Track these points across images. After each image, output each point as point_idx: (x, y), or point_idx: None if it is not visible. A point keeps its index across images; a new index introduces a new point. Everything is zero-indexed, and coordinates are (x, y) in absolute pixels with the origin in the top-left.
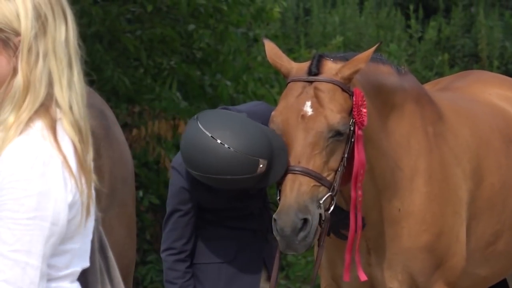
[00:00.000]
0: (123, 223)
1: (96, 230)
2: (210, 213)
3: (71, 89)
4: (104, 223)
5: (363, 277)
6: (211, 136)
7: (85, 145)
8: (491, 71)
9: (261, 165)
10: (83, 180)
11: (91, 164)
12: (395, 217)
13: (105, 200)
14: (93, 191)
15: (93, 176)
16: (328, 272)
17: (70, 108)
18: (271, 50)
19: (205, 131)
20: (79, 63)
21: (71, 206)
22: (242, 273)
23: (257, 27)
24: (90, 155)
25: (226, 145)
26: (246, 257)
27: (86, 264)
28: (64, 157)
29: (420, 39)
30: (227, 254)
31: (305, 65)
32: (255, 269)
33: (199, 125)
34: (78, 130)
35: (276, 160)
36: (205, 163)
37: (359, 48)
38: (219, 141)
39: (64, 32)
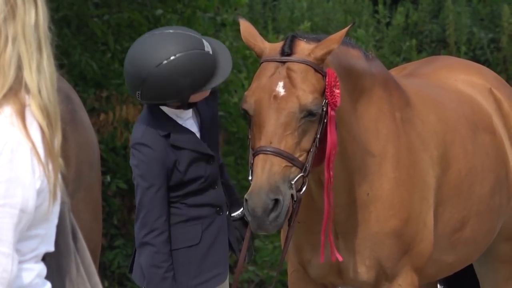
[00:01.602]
0: (89, 208)
1: (67, 214)
2: (174, 190)
3: (40, 73)
4: (70, 208)
5: (339, 257)
6: (154, 34)
7: (54, 130)
8: (459, 56)
9: (206, 44)
10: (51, 167)
11: (58, 149)
12: (363, 201)
13: (71, 184)
14: (59, 177)
15: (60, 161)
16: (295, 257)
17: (39, 92)
18: (246, 29)
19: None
20: (49, 46)
21: (39, 192)
22: (210, 253)
23: (225, 12)
24: (58, 140)
25: (170, 30)
26: (212, 236)
27: (51, 247)
28: (33, 144)
29: (387, 24)
30: (193, 237)
31: (278, 46)
32: (222, 248)
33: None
34: (47, 115)
35: (220, 56)
36: (155, 51)
37: (327, 34)
38: (158, 32)
39: (34, 16)
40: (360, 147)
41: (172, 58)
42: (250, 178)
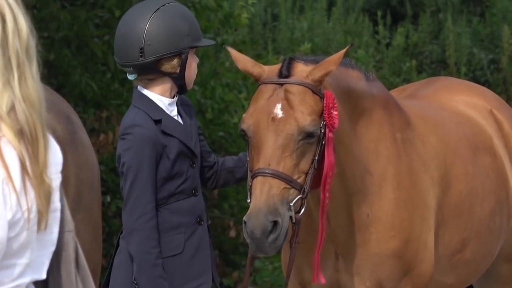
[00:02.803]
0: (89, 228)
1: (71, 242)
2: (162, 191)
3: (6, 91)
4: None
5: (322, 280)
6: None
7: (34, 152)
8: (459, 77)
9: None
10: (32, 195)
11: (46, 173)
12: (363, 222)
13: (71, 204)
14: (54, 202)
15: (52, 187)
16: (296, 278)
17: (8, 112)
18: (238, 57)
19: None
20: (26, 64)
21: (12, 224)
22: (194, 263)
23: (225, 33)
24: (42, 161)
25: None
26: (194, 246)
27: (40, 276)
28: (7, 173)
29: (388, 45)
30: (177, 246)
31: (276, 68)
32: (204, 258)
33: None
34: (22, 136)
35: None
36: (146, 6)
37: (327, 54)
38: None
39: (0, 33)
40: (360, 168)
41: (166, 4)
42: (248, 200)
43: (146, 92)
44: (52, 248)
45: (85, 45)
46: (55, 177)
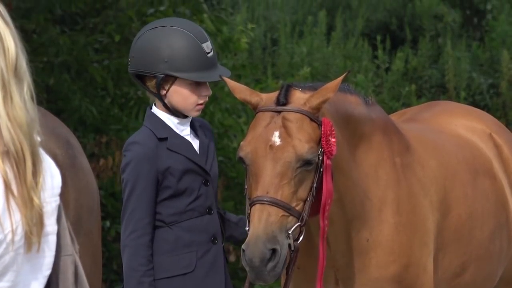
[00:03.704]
0: (89, 252)
1: (70, 266)
2: (169, 206)
3: None
4: (75, 260)
5: None
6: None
7: (21, 172)
8: (458, 102)
9: (206, 45)
10: (17, 217)
11: (37, 195)
12: (363, 247)
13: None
14: (48, 225)
15: (47, 208)
16: None
17: None
18: (234, 86)
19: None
20: (14, 83)
21: None
22: (207, 282)
23: (225, 57)
24: (31, 182)
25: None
26: (207, 265)
27: None
28: None
29: (387, 69)
30: (188, 264)
31: (273, 95)
32: (218, 278)
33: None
34: (7, 155)
35: (220, 68)
36: (157, 23)
37: (326, 79)
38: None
39: None
40: (359, 193)
41: (167, 27)
42: (247, 228)
43: (155, 110)
44: (47, 272)
45: (84, 70)
46: (51, 200)
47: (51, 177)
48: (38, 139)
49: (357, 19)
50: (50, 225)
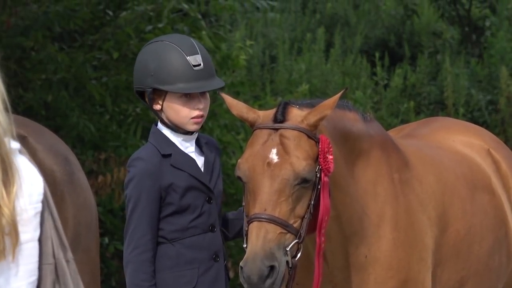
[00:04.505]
0: (87, 269)
1: (50, 274)
2: (172, 223)
3: None
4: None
5: None
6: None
7: None
8: (457, 118)
9: (195, 58)
10: None
11: (6, 203)
12: (362, 263)
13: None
14: (25, 232)
15: (23, 216)
16: None
17: None
18: (232, 103)
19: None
20: None
21: None
22: None
23: (223, 74)
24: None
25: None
26: (208, 282)
27: None
28: None
29: (386, 86)
30: (189, 281)
31: (271, 113)
32: None
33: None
34: None
35: (212, 80)
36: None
37: (325, 96)
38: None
39: None
40: (357, 209)
41: (158, 42)
42: (245, 245)
43: (160, 126)
44: (31, 278)
45: (83, 87)
46: (28, 207)
47: (31, 185)
48: (14, 146)
49: (356, 36)
50: (27, 232)
